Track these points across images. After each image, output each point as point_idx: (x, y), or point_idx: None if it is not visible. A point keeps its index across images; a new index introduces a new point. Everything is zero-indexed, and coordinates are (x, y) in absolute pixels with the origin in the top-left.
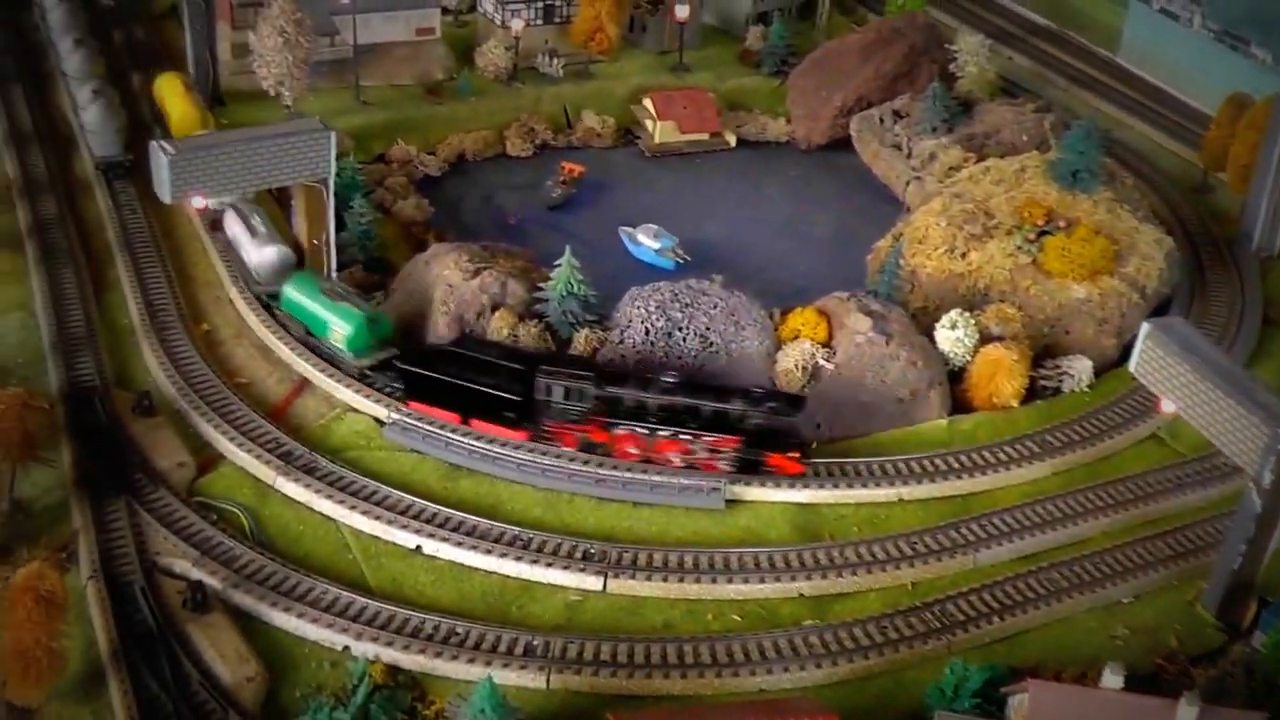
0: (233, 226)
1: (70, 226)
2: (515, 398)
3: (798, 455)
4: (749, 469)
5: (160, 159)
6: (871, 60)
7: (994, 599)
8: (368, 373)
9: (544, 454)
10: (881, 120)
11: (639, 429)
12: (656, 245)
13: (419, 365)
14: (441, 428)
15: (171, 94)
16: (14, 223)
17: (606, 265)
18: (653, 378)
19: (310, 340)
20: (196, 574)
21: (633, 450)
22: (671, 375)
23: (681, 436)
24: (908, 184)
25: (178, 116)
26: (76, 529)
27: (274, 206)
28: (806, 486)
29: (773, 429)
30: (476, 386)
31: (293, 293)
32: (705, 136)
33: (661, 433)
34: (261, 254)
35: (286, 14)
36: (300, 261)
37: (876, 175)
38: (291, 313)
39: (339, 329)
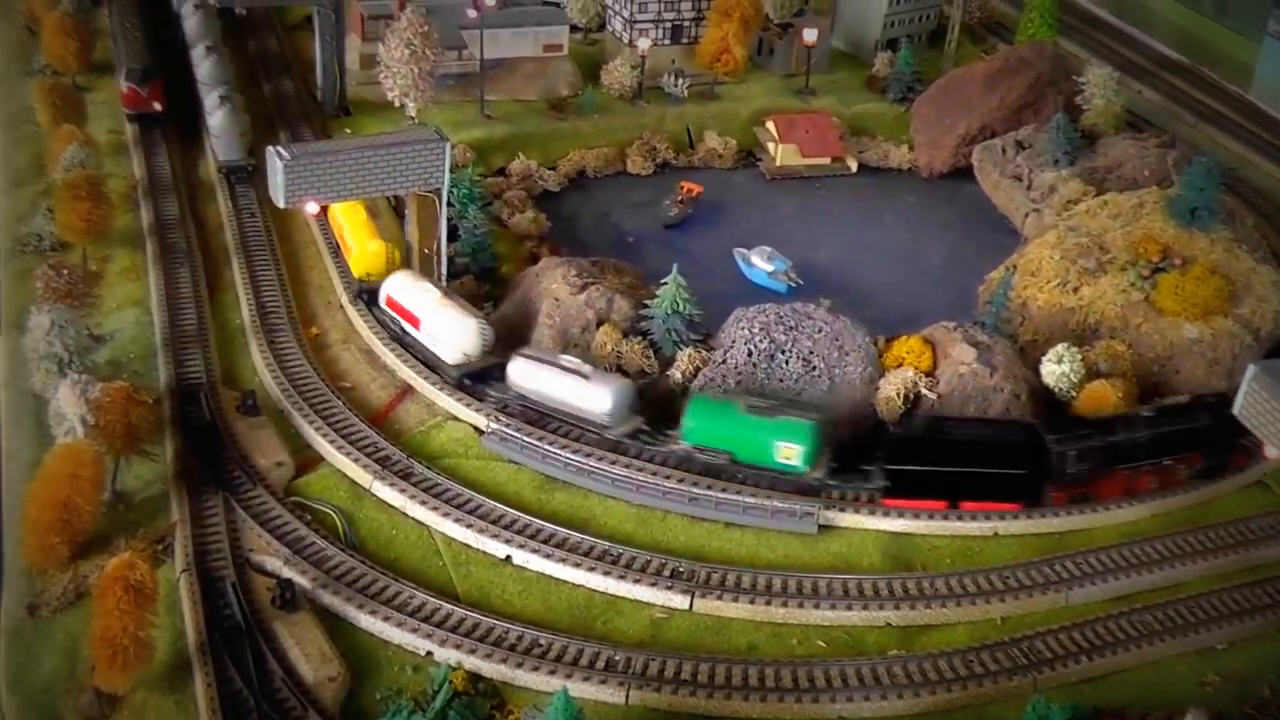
0: (551, 379)
1: (190, 227)
2: (1019, 471)
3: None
4: (1212, 473)
5: (276, 163)
6: (997, 90)
7: (1084, 638)
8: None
9: (639, 470)
10: (1004, 150)
11: (1130, 467)
12: (770, 268)
13: (907, 461)
14: (539, 439)
15: (354, 224)
16: (136, 221)
17: (718, 285)
18: (1131, 415)
19: (407, 342)
20: (287, 572)
21: (1116, 488)
22: (1148, 409)
23: (1164, 463)
24: (1026, 216)
25: (360, 252)
26: (174, 522)
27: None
28: (901, 516)
29: (1218, 431)
30: (975, 470)
31: (702, 422)
32: (827, 161)
33: (1146, 465)
34: (600, 394)
35: (414, 27)
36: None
37: (996, 206)
38: (702, 443)
39: (790, 449)
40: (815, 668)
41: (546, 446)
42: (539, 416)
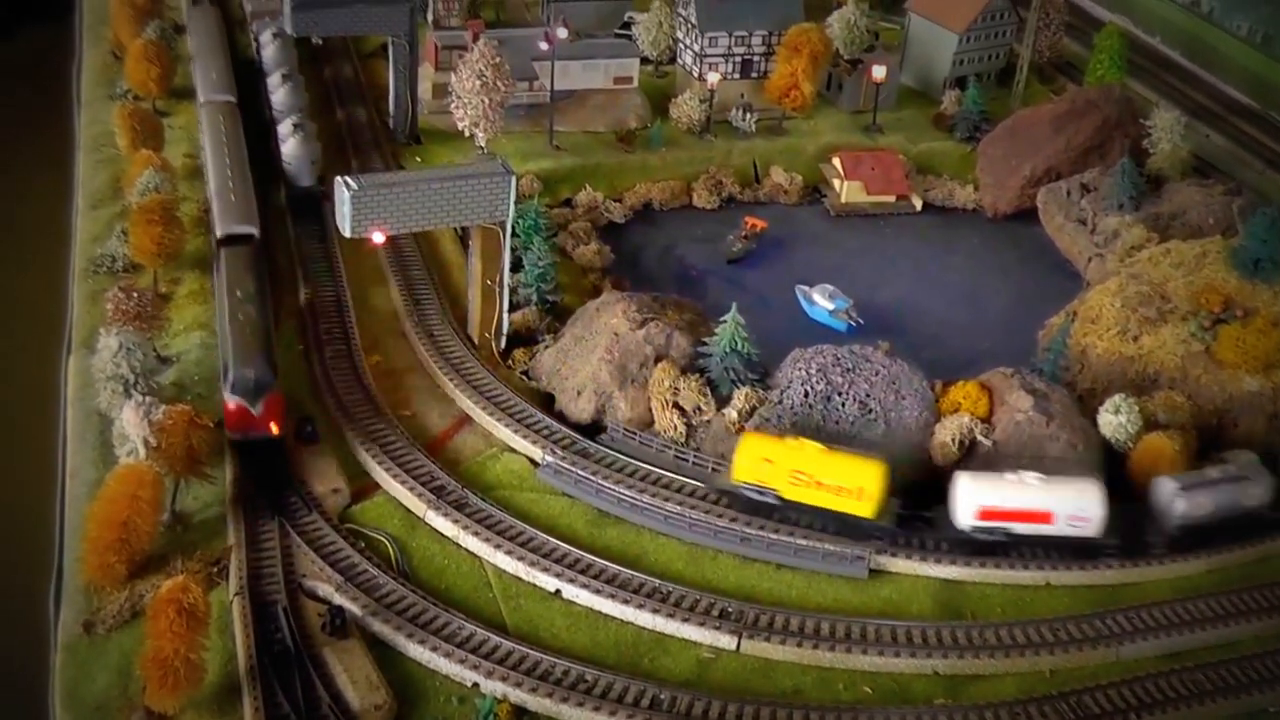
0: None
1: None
2: None
3: None
4: None
5: (344, 194)
6: (1063, 132)
7: (1133, 695)
8: None
9: (692, 508)
10: (1069, 193)
11: None
12: (831, 306)
13: None
14: (594, 474)
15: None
16: (207, 245)
17: (778, 322)
18: None
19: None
20: (339, 599)
21: None
22: None
23: None
24: (1090, 260)
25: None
26: (229, 545)
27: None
28: (953, 563)
29: None
30: None
31: None
32: (892, 199)
33: None
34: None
35: (487, 58)
36: None
37: (1060, 249)
38: None
39: None
40: (860, 714)
41: (601, 481)
42: (594, 450)
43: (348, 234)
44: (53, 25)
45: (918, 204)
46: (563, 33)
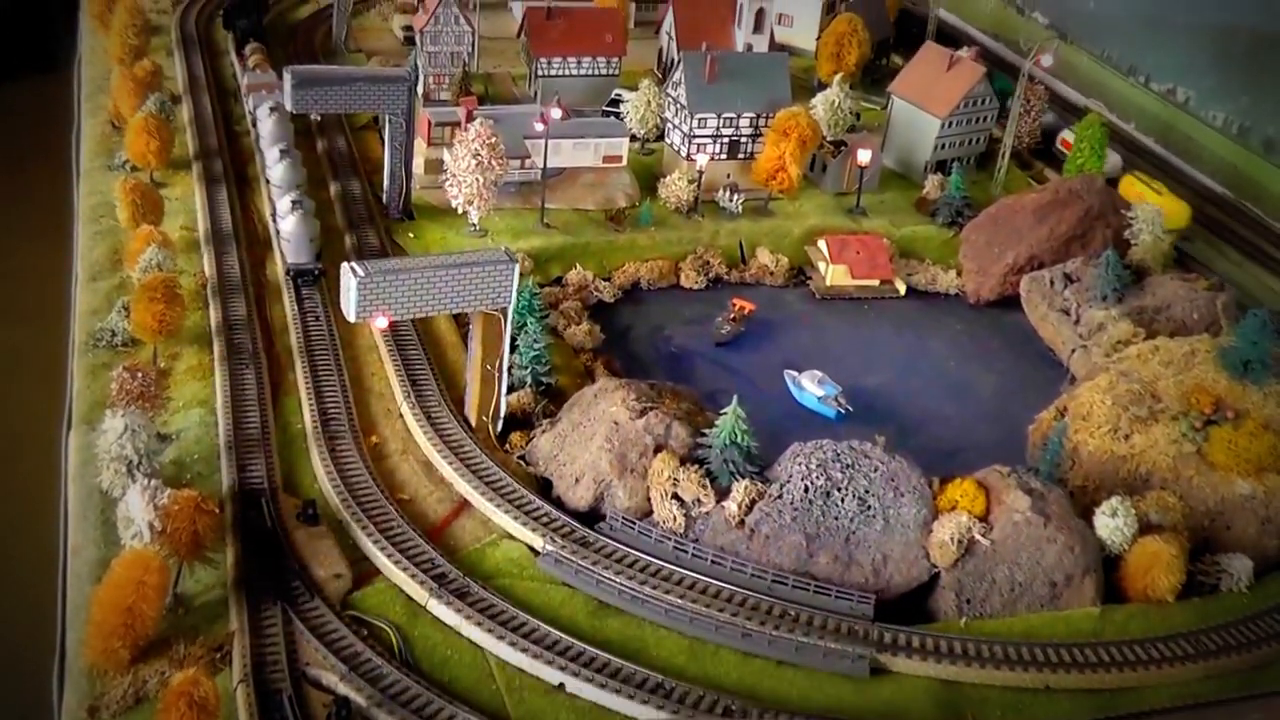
0: None
1: (256, 328)
2: None
3: None
4: None
5: (350, 280)
6: (1046, 221)
7: None
8: None
9: (694, 600)
10: (1052, 283)
11: None
12: (820, 392)
13: None
14: (594, 564)
15: None
16: (205, 320)
17: (767, 407)
18: None
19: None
20: (343, 688)
21: None
22: None
23: None
24: (1073, 352)
25: None
26: (232, 630)
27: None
28: (954, 664)
29: None
30: None
31: None
32: (876, 283)
33: None
34: None
35: (482, 138)
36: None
37: (1042, 338)
38: None
39: None
40: None
41: (601, 571)
42: (593, 539)
43: (352, 319)
44: (47, 81)
45: (901, 288)
46: (556, 113)
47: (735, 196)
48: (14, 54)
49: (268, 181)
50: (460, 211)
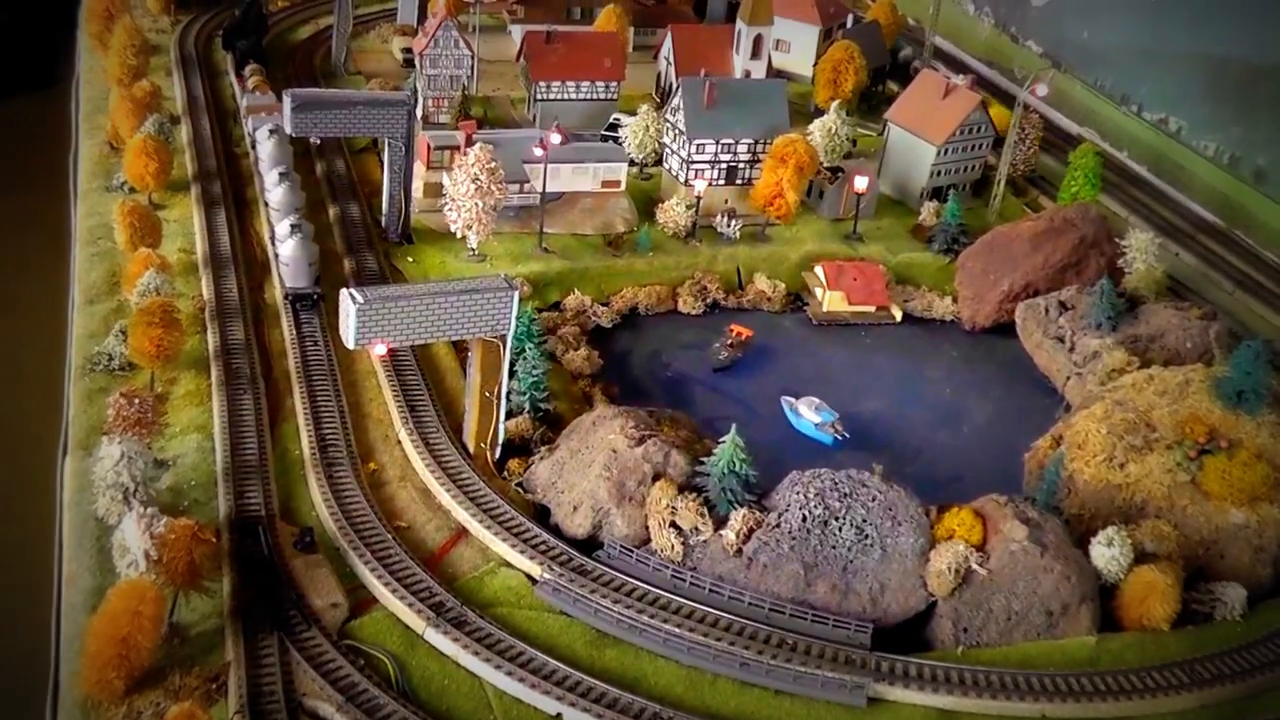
0: None
1: (254, 353)
2: None
3: None
4: None
5: (349, 306)
6: (1041, 249)
7: None
8: None
9: (691, 629)
10: (1047, 310)
11: None
12: (817, 419)
13: None
14: (592, 593)
15: None
16: (203, 344)
17: (765, 433)
18: None
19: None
20: None
21: None
22: None
23: None
24: (1068, 379)
25: None
26: (228, 661)
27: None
28: (950, 693)
29: None
30: None
31: None
32: (872, 309)
33: None
34: None
35: (482, 163)
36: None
37: (1037, 365)
38: None
39: None
40: None
41: (599, 600)
42: (591, 567)
43: (351, 346)
44: (45, 101)
45: (897, 315)
46: (556, 138)
47: (733, 222)
48: (11, 73)
49: (267, 204)
50: (459, 236)
